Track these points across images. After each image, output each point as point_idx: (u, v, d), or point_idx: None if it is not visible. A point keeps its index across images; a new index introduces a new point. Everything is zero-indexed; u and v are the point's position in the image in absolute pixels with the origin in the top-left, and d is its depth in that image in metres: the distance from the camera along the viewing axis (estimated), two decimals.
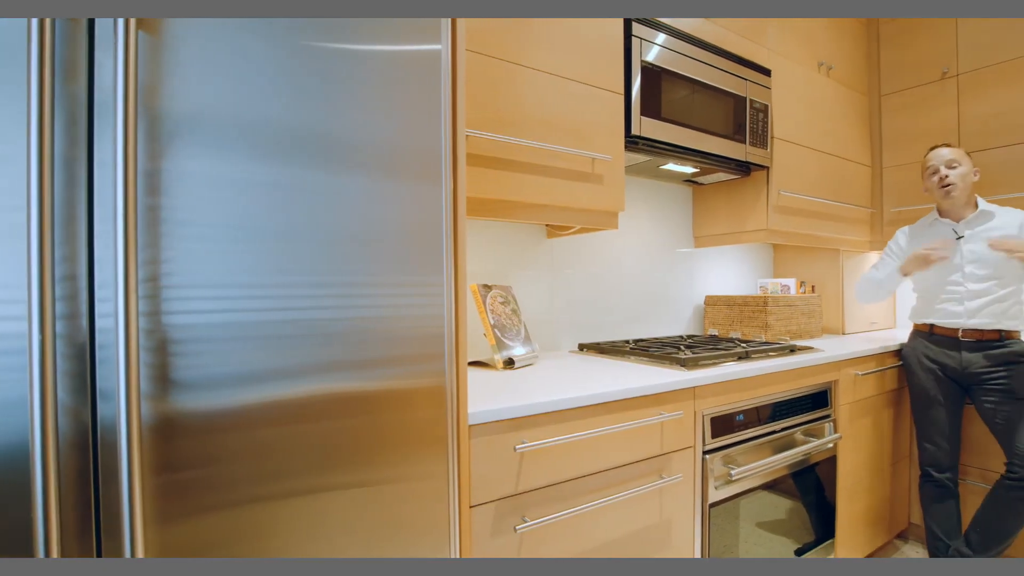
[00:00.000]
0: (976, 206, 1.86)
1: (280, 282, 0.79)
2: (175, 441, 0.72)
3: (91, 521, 0.67)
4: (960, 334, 1.86)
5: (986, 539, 1.75)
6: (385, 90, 0.88)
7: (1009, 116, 2.24)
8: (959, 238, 1.86)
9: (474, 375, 1.39)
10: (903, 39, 2.57)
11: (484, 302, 1.49)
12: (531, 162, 1.44)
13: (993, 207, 1.85)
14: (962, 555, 1.81)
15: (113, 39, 0.65)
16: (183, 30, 0.71)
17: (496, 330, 1.48)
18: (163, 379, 0.71)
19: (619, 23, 1.62)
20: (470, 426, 1.00)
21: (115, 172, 0.64)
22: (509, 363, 1.47)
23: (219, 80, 0.74)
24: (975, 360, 1.82)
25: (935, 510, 1.95)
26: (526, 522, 1.07)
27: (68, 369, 0.66)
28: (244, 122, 0.76)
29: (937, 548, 1.92)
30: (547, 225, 1.92)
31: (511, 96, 1.40)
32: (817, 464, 1.77)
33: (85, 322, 0.66)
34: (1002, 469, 1.97)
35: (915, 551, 2.19)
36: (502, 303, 1.55)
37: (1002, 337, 1.80)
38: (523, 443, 1.06)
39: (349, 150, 0.84)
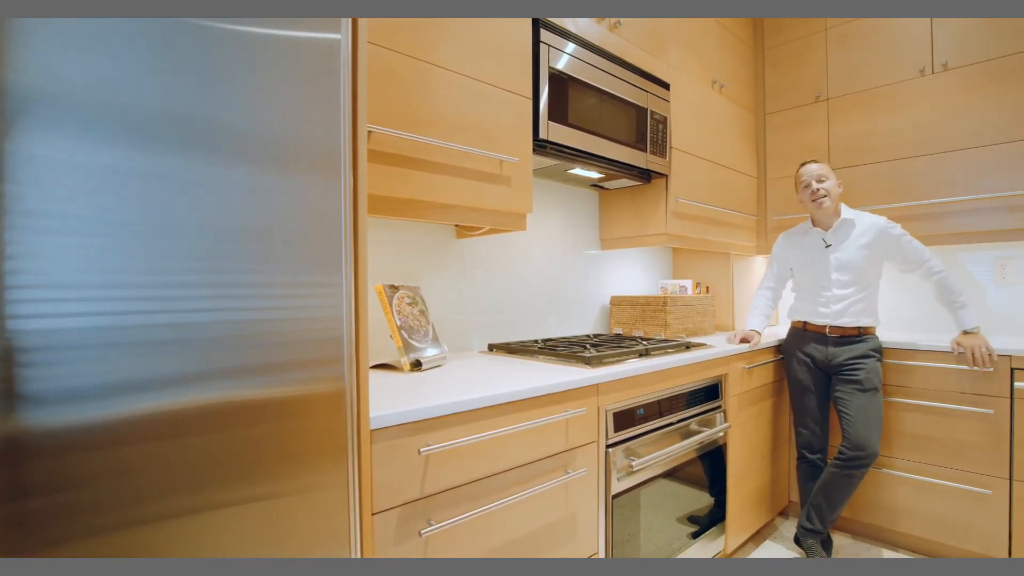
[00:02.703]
0: (840, 215, 2.09)
1: (156, 282, 0.72)
2: (25, 464, 0.63)
3: None
4: (827, 331, 2.08)
5: (821, 508, 2.00)
6: (279, 77, 0.83)
7: (870, 138, 2.55)
8: (827, 246, 2.08)
9: (379, 378, 1.35)
10: (785, 64, 2.84)
11: (390, 303, 1.45)
12: (441, 162, 1.43)
13: (854, 214, 2.08)
14: (809, 518, 2.04)
15: None
16: None
17: (403, 331, 1.45)
18: (7, 393, 0.62)
19: (527, 28, 1.65)
20: (372, 431, 0.97)
21: None
22: (416, 365, 1.45)
23: (82, 53, 0.66)
24: (839, 353, 2.04)
25: (809, 487, 2.16)
26: (432, 525, 1.05)
27: None
28: (113, 102, 0.68)
29: None
30: (456, 225, 1.92)
31: (422, 95, 1.38)
32: (710, 451, 1.90)
33: None
34: None
35: (793, 525, 2.42)
36: (409, 304, 1.52)
37: (860, 333, 2.04)
38: (428, 445, 1.05)
39: (238, 139, 0.79)
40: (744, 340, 2.13)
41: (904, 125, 2.44)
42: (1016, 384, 1.93)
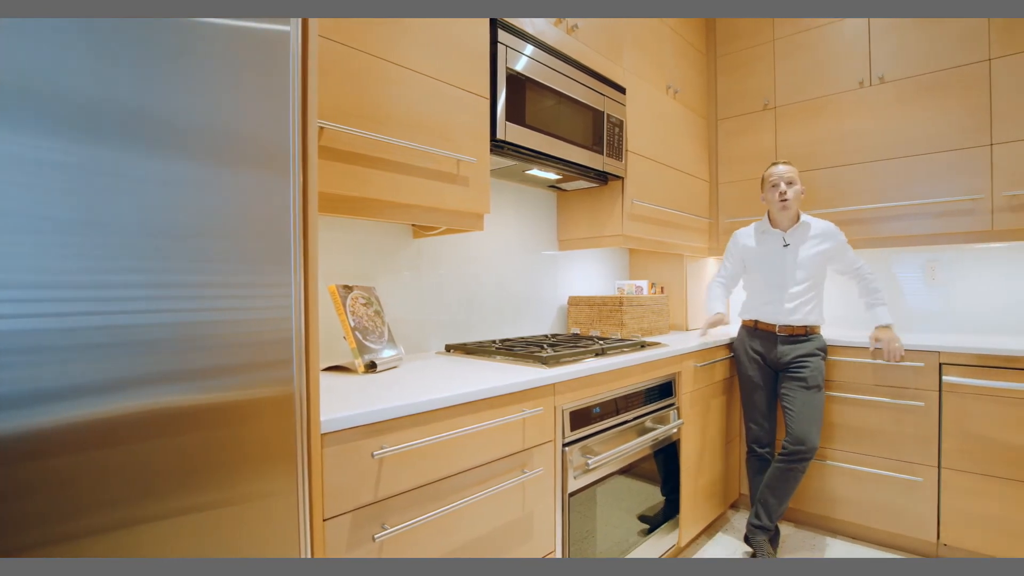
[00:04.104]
0: (799, 218, 2.18)
1: (88, 282, 0.68)
2: None
3: None
4: (777, 329, 2.16)
5: (768, 503, 2.08)
6: (224, 69, 0.80)
7: (813, 145, 2.67)
8: (786, 245, 2.16)
9: (332, 380, 1.32)
10: (736, 72, 2.94)
11: (344, 303, 1.42)
12: (396, 160, 1.41)
13: (810, 219, 2.18)
14: (757, 515, 2.11)
15: None
16: None
17: (357, 332, 1.42)
18: None
19: (485, 28, 1.65)
20: (323, 434, 0.95)
21: None
22: (371, 367, 1.42)
23: (3, 36, 0.61)
24: (787, 351, 2.13)
25: (758, 480, 2.24)
26: (386, 529, 1.04)
27: None
28: (39, 91, 0.64)
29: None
30: (413, 225, 1.89)
31: (377, 92, 1.36)
32: (664, 448, 1.95)
33: None
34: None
35: (744, 517, 2.51)
36: (364, 304, 1.49)
37: (807, 332, 2.13)
38: (382, 448, 1.03)
39: (180, 131, 0.75)
40: (714, 324, 2.24)
41: (844, 134, 2.57)
42: (944, 378, 2.06)
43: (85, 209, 0.68)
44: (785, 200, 2.11)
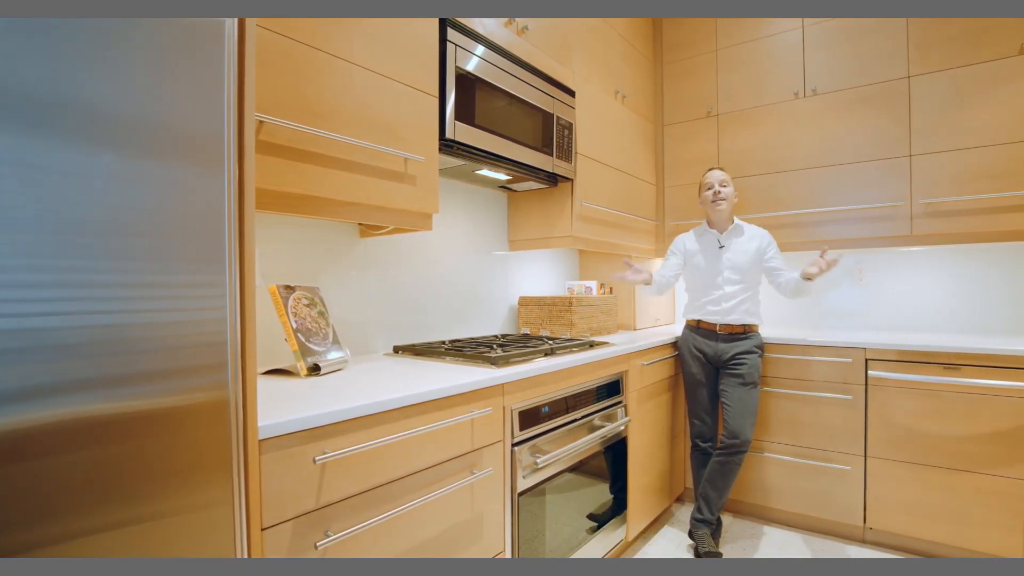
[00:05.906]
0: (733, 221, 2.27)
1: None
2: None
3: None
4: (718, 328, 2.24)
5: (709, 496, 2.17)
6: (153, 56, 0.75)
7: (753, 152, 2.79)
8: (721, 247, 2.25)
9: (273, 384, 1.27)
10: (681, 80, 3.04)
11: (285, 304, 1.37)
12: (341, 157, 1.37)
13: (744, 224, 2.28)
14: (699, 509, 2.19)
15: None
16: None
17: (299, 334, 1.37)
18: None
19: (434, 26, 1.63)
20: (261, 441, 0.91)
21: None
22: (315, 369, 1.38)
23: None
24: (727, 349, 2.21)
25: (701, 474, 2.32)
26: (329, 537, 1.00)
27: None
28: None
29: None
30: (360, 224, 1.85)
31: (322, 86, 1.32)
32: (612, 444, 1.99)
33: None
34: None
35: (689, 510, 2.59)
36: (307, 305, 1.44)
37: (745, 330, 2.22)
38: (324, 453, 1.00)
39: (104, 122, 0.70)
40: (636, 270, 2.18)
41: (780, 142, 2.70)
42: (870, 373, 2.19)
43: None
44: (717, 200, 2.20)
